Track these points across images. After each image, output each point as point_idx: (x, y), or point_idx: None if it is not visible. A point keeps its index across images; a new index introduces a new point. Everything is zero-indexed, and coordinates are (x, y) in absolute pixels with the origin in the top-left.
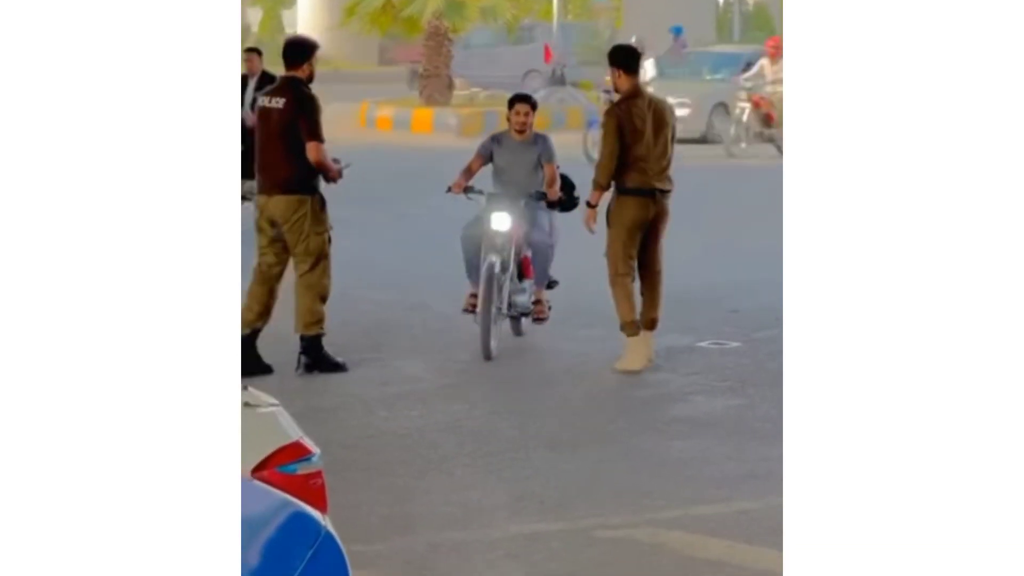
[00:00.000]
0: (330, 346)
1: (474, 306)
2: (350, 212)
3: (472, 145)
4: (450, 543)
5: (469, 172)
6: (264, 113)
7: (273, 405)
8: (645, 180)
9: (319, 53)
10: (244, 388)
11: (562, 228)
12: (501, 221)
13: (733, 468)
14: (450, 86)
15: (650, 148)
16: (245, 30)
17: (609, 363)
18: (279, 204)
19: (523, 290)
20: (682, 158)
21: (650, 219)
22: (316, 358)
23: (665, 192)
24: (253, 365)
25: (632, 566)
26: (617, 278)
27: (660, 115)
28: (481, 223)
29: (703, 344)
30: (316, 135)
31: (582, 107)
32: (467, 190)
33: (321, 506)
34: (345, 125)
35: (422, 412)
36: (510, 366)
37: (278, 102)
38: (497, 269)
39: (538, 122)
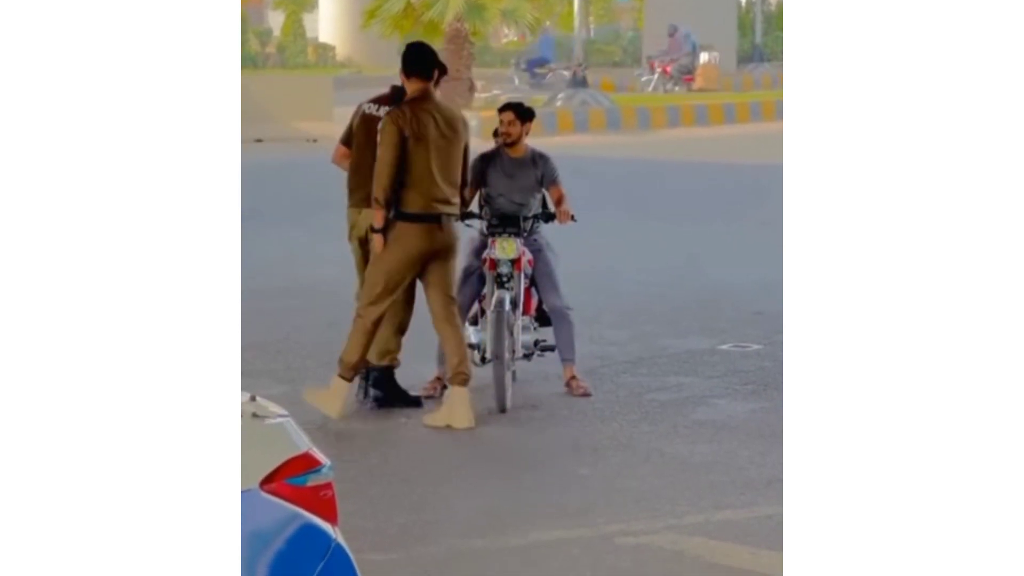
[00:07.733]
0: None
1: (436, 389)
2: None
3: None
4: (468, 551)
5: (465, 203)
6: (368, 121)
7: (282, 416)
8: (428, 203)
9: (343, 56)
10: (252, 399)
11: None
12: (507, 248)
13: (756, 472)
14: (471, 88)
15: (439, 163)
16: (267, 33)
17: (631, 366)
18: (370, 217)
19: (527, 327)
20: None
21: (432, 251)
22: (387, 391)
23: (451, 216)
24: (394, 397)
25: (654, 573)
26: (366, 309)
27: (451, 124)
28: (475, 256)
29: (724, 347)
30: None
31: (604, 108)
32: (465, 216)
33: (331, 518)
34: None
35: None
36: (529, 367)
37: (384, 111)
38: (507, 307)
39: (561, 124)
